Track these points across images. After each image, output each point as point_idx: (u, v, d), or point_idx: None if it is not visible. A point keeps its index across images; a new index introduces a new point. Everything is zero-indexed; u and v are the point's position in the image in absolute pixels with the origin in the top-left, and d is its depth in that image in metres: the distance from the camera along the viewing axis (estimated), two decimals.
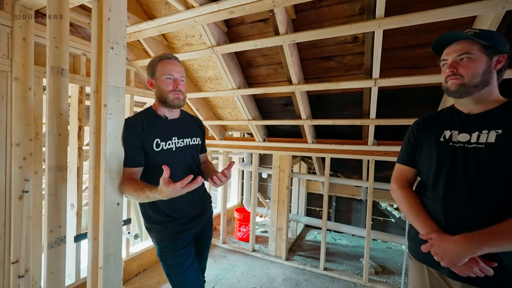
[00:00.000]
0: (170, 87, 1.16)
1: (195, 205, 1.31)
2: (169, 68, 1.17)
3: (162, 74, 1.16)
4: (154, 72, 1.18)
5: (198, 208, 1.33)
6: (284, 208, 2.82)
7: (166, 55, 1.21)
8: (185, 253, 1.24)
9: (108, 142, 1.11)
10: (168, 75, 1.16)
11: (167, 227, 1.22)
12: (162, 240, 1.22)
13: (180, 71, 1.21)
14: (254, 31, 1.86)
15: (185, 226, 1.25)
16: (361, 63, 1.82)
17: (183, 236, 1.25)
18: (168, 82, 1.16)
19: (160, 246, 1.23)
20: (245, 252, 2.98)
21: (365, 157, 2.37)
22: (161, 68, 1.17)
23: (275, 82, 2.24)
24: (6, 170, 1.55)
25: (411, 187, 1.09)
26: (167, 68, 1.16)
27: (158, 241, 1.23)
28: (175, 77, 1.17)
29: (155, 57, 1.22)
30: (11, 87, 1.54)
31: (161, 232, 1.22)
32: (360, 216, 3.63)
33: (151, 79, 1.20)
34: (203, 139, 1.41)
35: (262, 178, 4.42)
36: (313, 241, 3.39)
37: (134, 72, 2.35)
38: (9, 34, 1.53)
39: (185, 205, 1.25)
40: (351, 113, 2.28)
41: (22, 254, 1.60)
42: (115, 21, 1.12)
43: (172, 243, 1.22)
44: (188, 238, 1.27)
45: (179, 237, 1.23)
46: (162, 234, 1.22)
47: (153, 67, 1.18)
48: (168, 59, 1.20)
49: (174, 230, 1.23)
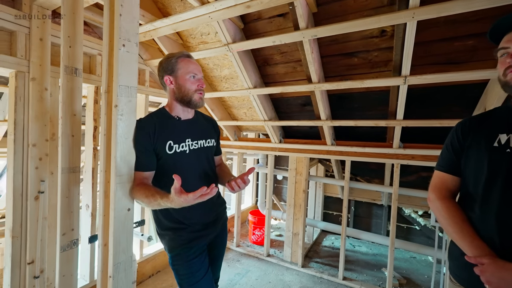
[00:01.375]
0: (194, 86, 1.12)
1: (209, 211, 1.24)
2: (193, 67, 1.13)
3: (186, 72, 1.12)
4: (174, 69, 1.13)
5: (212, 215, 1.25)
6: (301, 212, 2.70)
7: (184, 53, 1.17)
8: (198, 262, 1.17)
9: (119, 144, 1.06)
10: (192, 74, 1.12)
11: (179, 235, 1.16)
12: (174, 248, 1.15)
13: (201, 71, 1.18)
14: (272, 27, 1.76)
15: (198, 234, 1.18)
16: (388, 59, 1.67)
17: (196, 244, 1.18)
18: (193, 81, 1.12)
19: (172, 254, 1.16)
20: (260, 257, 2.88)
21: (390, 161, 2.20)
22: (184, 66, 1.12)
23: (293, 81, 2.12)
24: (23, 170, 1.56)
25: (453, 198, 0.95)
26: (191, 67, 1.13)
27: (170, 249, 1.16)
28: (199, 76, 1.14)
29: (172, 54, 1.16)
30: (28, 88, 1.54)
31: (173, 240, 1.16)
32: (380, 223, 3.43)
33: (170, 76, 1.13)
34: (218, 141, 1.34)
35: (277, 179, 4.31)
36: (331, 247, 3.24)
37: (149, 72, 2.32)
38: (27, 34, 1.53)
39: (198, 211, 1.18)
40: (374, 113, 2.12)
41: (37, 255, 1.60)
42: (126, 17, 1.06)
43: (184, 252, 1.15)
44: (201, 247, 1.20)
45: (192, 245, 1.17)
46: (174, 242, 1.16)
47: (173, 65, 1.13)
48: (189, 58, 1.16)
49: (187, 238, 1.16)
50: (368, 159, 2.27)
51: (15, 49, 1.51)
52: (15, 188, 1.53)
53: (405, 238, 3.26)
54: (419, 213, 3.14)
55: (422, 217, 3.11)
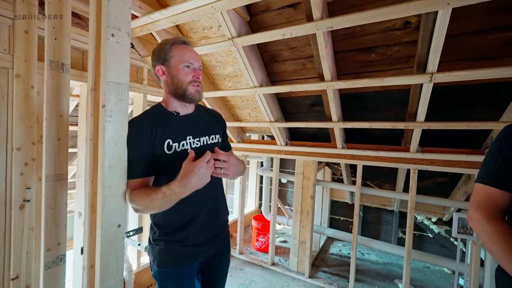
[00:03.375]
0: (189, 77, 0.96)
1: (214, 222, 1.07)
2: (188, 55, 0.97)
3: (179, 61, 0.96)
4: (167, 57, 0.97)
5: (216, 226, 1.09)
6: (308, 219, 2.54)
7: (180, 38, 0.99)
8: (189, 284, 1.03)
9: (107, 151, 0.90)
10: (187, 63, 0.96)
11: (174, 249, 0.99)
12: (165, 264, 0.99)
13: (198, 59, 1.01)
14: (281, 19, 1.61)
15: (195, 249, 1.02)
16: (410, 55, 1.51)
17: (191, 263, 1.02)
18: (187, 71, 0.97)
19: (161, 270, 0.99)
20: (264, 266, 2.73)
21: (406, 166, 2.04)
22: (178, 54, 0.96)
23: (302, 79, 1.97)
24: (6, 176, 1.41)
25: (503, 218, 0.79)
26: (186, 55, 0.97)
27: (159, 264, 0.99)
28: (195, 66, 0.98)
29: (166, 40, 0.99)
30: (12, 85, 1.39)
31: (165, 254, 0.99)
32: (391, 229, 3.26)
33: (162, 66, 0.98)
34: (224, 135, 1.17)
35: (281, 182, 4.16)
36: (338, 255, 3.08)
37: (148, 69, 2.17)
38: (10, 26, 1.38)
39: (203, 221, 1.02)
40: (390, 114, 1.96)
41: (22, 270, 1.45)
42: (116, 2, 0.91)
43: (176, 271, 1.00)
44: (195, 266, 1.05)
45: (186, 263, 1.01)
46: (166, 257, 0.99)
47: (166, 52, 0.97)
48: (184, 44, 0.99)
49: (182, 254, 1.00)
50: (382, 164, 2.11)
51: None
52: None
53: (417, 246, 3.10)
54: (433, 220, 2.97)
55: (436, 224, 2.95)
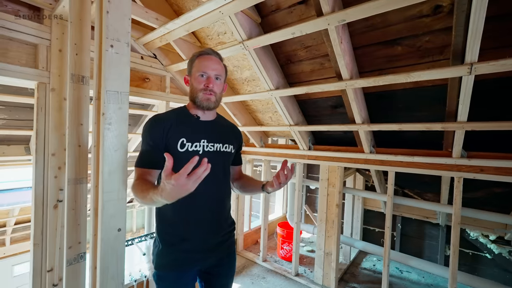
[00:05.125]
0: (201, 85, 1.00)
1: (216, 230, 1.06)
2: (204, 64, 1.01)
3: (196, 70, 1.02)
4: (191, 68, 1.05)
5: (217, 236, 1.07)
6: (334, 229, 2.35)
7: (205, 50, 1.05)
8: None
9: (107, 157, 0.94)
10: (201, 72, 1.01)
11: (172, 253, 1.00)
12: (162, 268, 1.00)
13: (217, 68, 1.02)
14: (293, 18, 1.53)
15: (194, 256, 1.01)
16: (445, 44, 1.29)
17: (189, 268, 1.02)
18: (200, 80, 1.01)
19: (159, 273, 1.01)
20: (287, 275, 2.61)
21: (448, 174, 1.75)
22: (198, 64, 1.02)
23: (321, 79, 1.84)
24: (44, 179, 1.58)
25: None
26: (202, 64, 1.01)
27: (157, 266, 1.01)
28: (209, 74, 1.01)
29: (194, 53, 1.07)
30: (49, 98, 1.57)
31: (163, 257, 1.00)
32: (436, 246, 2.85)
33: (188, 76, 1.08)
34: (238, 150, 1.19)
35: (310, 189, 3.97)
36: (372, 271, 2.79)
37: (170, 78, 2.27)
38: (48, 46, 1.57)
39: (204, 228, 1.02)
40: (425, 114, 1.71)
41: (56, 263, 1.60)
42: (115, 14, 0.94)
43: (173, 276, 1.00)
44: (194, 273, 1.05)
45: (183, 269, 1.01)
46: (163, 260, 1.00)
47: (191, 63, 1.05)
48: (206, 55, 1.04)
49: (180, 259, 1.00)
50: (418, 171, 1.85)
51: (38, 62, 1.55)
52: (37, 197, 1.56)
53: (471, 267, 2.64)
54: (491, 238, 2.50)
55: (495, 243, 2.47)
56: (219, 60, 1.05)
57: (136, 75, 2.07)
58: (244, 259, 2.96)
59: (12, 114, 2.24)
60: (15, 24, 1.46)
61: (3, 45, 1.47)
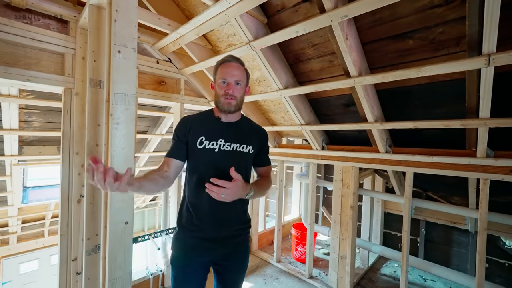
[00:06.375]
0: (222, 91, 1.10)
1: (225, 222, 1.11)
2: (224, 71, 1.10)
3: (218, 78, 1.11)
4: (215, 75, 1.15)
5: (227, 228, 1.12)
6: (348, 232, 2.28)
7: (227, 58, 1.13)
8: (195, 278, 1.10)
9: (115, 155, 1.01)
10: (222, 79, 1.09)
11: (184, 237, 1.12)
12: (175, 249, 1.13)
13: (237, 74, 1.10)
14: (298, 16, 1.52)
15: (203, 244, 1.09)
16: (461, 35, 1.20)
17: (198, 254, 1.10)
18: (222, 86, 1.10)
19: (173, 254, 1.14)
20: (301, 277, 2.57)
21: (472, 175, 1.62)
22: (220, 72, 1.11)
23: (331, 77, 1.80)
24: (69, 175, 1.73)
25: None
26: (223, 71, 1.10)
27: (172, 247, 1.15)
28: (229, 81, 1.09)
29: (219, 60, 1.15)
30: (74, 102, 1.72)
31: (177, 240, 1.14)
32: (466, 254, 2.63)
33: (213, 83, 1.17)
34: (259, 151, 1.22)
35: (328, 190, 3.88)
36: (392, 277, 2.65)
37: (184, 81, 2.37)
38: (73, 55, 1.72)
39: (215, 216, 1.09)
40: (444, 111, 1.60)
41: (79, 253, 1.75)
42: (122, 22, 1.02)
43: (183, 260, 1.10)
44: (205, 263, 1.12)
45: (192, 253, 1.10)
46: (177, 242, 1.14)
47: (215, 71, 1.14)
48: (227, 62, 1.12)
49: (189, 243, 1.10)
50: (437, 172, 1.73)
51: (64, 69, 1.71)
52: (63, 192, 1.72)
53: (507, 280, 2.40)
54: None
55: None
56: (239, 65, 1.12)
57: (152, 79, 2.19)
58: (258, 259, 2.96)
59: (46, 117, 2.48)
60: (46, 36, 1.63)
61: (36, 55, 1.64)
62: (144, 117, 3.17)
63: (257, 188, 1.09)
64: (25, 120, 2.42)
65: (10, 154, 2.59)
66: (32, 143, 2.70)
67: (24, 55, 1.59)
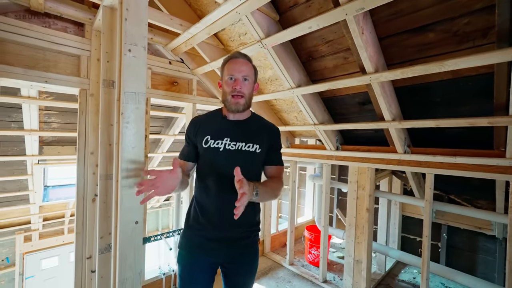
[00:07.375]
0: (230, 88, 1.05)
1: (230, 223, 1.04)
2: (231, 68, 1.06)
3: (226, 74, 1.08)
4: (222, 73, 1.13)
5: (232, 230, 1.08)
6: (364, 235, 2.19)
7: (233, 54, 1.10)
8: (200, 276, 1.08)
9: (125, 153, 1.01)
10: (230, 75, 1.06)
11: (190, 234, 1.11)
12: (181, 246, 1.14)
13: (244, 70, 1.05)
14: (311, 12, 1.47)
15: (207, 243, 1.07)
16: (488, 26, 1.11)
17: (202, 253, 1.08)
18: (229, 83, 1.06)
19: (179, 251, 1.14)
20: (314, 281, 2.50)
21: (501, 177, 1.50)
22: (227, 69, 1.08)
23: (345, 74, 1.74)
24: (84, 175, 1.77)
25: None
26: (230, 68, 1.06)
27: (178, 245, 1.15)
28: (236, 77, 1.05)
29: (225, 58, 1.12)
30: (89, 103, 1.75)
31: (184, 237, 1.14)
32: (493, 261, 2.46)
33: (220, 81, 1.14)
34: (269, 150, 1.13)
35: (342, 192, 3.77)
36: (411, 284, 2.52)
37: (197, 81, 2.37)
38: (88, 57, 1.76)
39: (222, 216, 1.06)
40: (469, 109, 1.49)
41: (94, 251, 1.78)
42: (132, 21, 1.02)
43: (188, 257, 1.09)
44: (210, 263, 1.10)
45: (197, 252, 1.09)
46: (183, 239, 1.14)
47: (222, 69, 1.12)
48: (234, 59, 1.08)
49: (194, 241, 1.09)
50: (461, 173, 1.62)
51: (80, 71, 1.75)
52: (79, 191, 1.76)
53: None
54: None
55: None
56: (246, 61, 1.08)
57: (165, 80, 2.21)
58: (271, 261, 2.92)
59: (65, 118, 2.56)
60: (63, 39, 1.67)
61: (54, 57, 1.69)
62: (158, 118, 3.22)
63: (264, 189, 0.97)
64: (45, 121, 2.52)
65: (31, 154, 2.71)
66: (51, 143, 2.80)
67: (43, 57, 1.64)
